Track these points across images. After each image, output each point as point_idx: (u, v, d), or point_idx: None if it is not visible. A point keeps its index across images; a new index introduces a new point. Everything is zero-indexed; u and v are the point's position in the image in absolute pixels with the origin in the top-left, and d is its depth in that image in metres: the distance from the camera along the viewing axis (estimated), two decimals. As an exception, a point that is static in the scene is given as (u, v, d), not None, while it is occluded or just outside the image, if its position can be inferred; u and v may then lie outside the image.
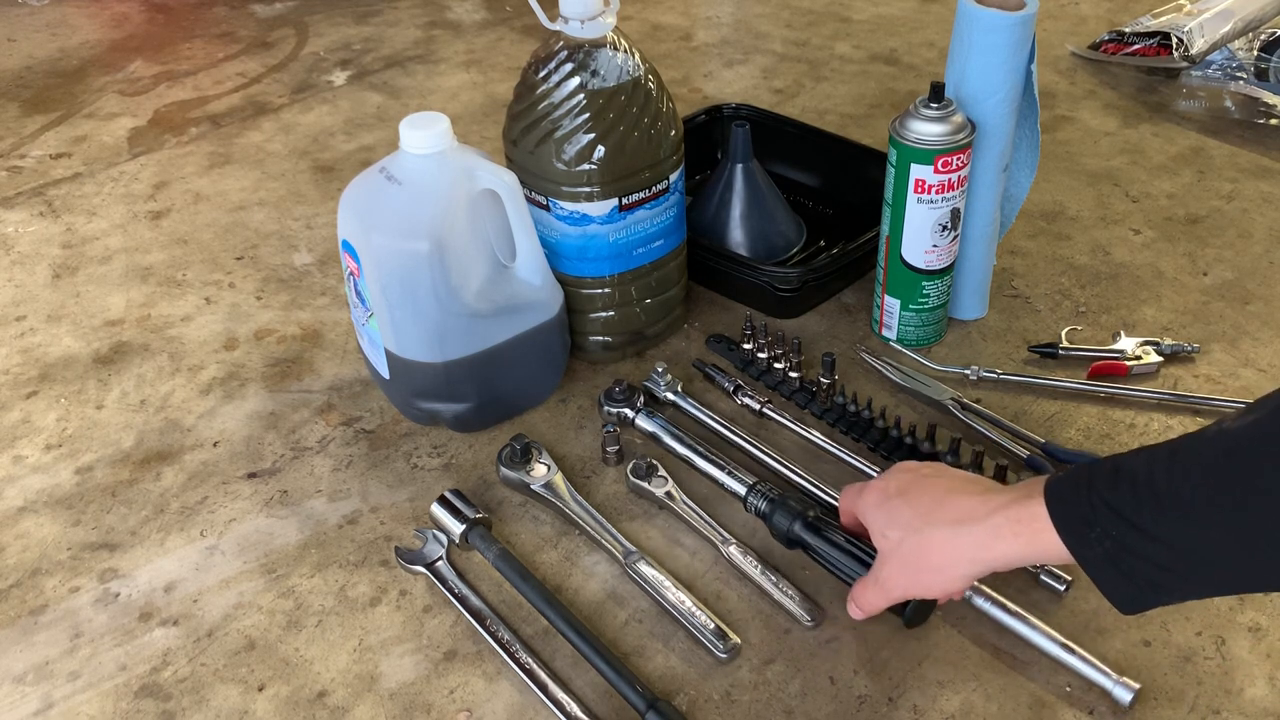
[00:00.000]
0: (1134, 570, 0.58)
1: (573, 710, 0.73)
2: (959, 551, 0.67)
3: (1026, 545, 0.64)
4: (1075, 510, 0.61)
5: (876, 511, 0.73)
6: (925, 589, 0.71)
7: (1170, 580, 0.58)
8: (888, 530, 0.71)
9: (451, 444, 0.96)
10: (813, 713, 0.73)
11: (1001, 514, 0.65)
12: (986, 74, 0.94)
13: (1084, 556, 0.60)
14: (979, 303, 1.08)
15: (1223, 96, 1.47)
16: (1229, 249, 1.18)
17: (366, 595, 0.83)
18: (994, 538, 0.65)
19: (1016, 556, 0.65)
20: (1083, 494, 0.60)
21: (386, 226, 0.86)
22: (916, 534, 0.69)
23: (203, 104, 1.57)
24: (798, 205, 1.24)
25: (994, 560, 0.66)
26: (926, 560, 0.69)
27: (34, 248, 1.26)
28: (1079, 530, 0.60)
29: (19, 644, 0.80)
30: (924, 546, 0.69)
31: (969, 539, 0.67)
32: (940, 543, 0.68)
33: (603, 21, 0.90)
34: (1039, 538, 0.62)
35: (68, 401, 1.03)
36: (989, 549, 0.66)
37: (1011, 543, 0.64)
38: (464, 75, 1.64)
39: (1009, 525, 0.64)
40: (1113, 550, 0.59)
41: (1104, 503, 0.59)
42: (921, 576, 0.70)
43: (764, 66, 1.63)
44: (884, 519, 0.72)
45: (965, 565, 0.67)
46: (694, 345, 1.07)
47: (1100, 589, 0.60)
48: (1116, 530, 0.58)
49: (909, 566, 0.70)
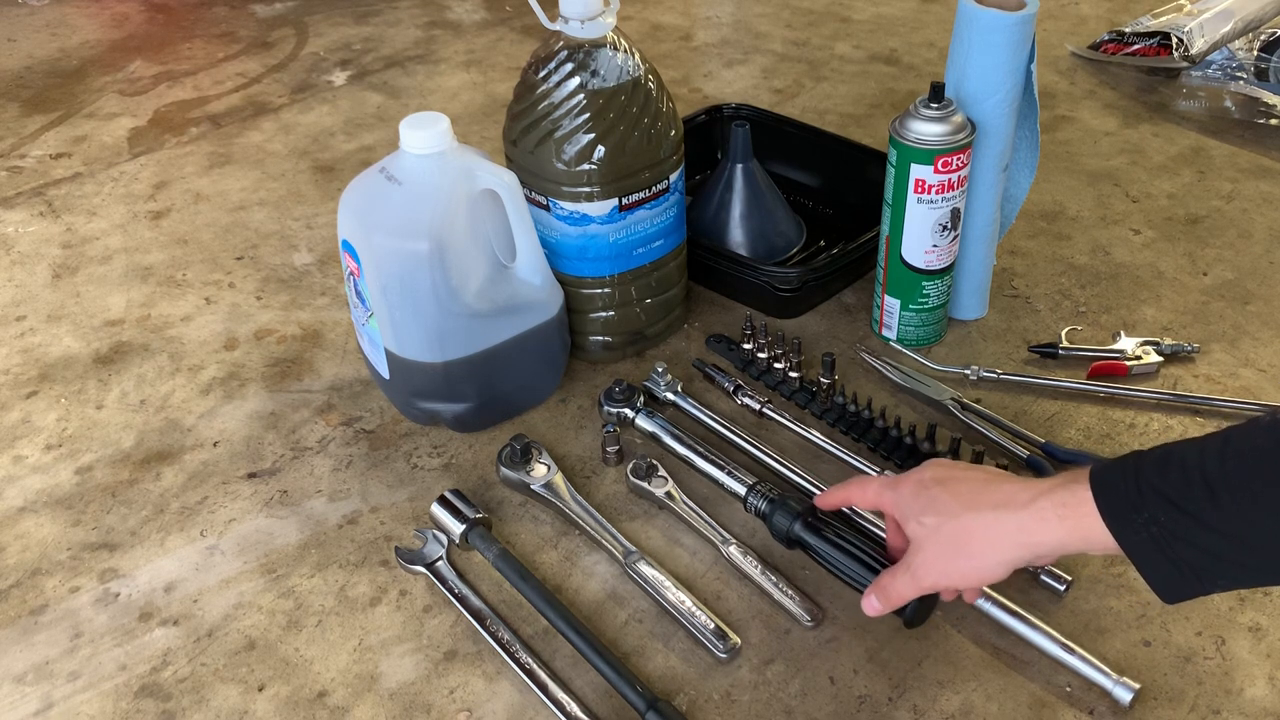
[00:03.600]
0: (1180, 557, 0.58)
1: (573, 710, 0.73)
2: (1001, 537, 0.66)
3: (1071, 531, 0.62)
4: (1122, 496, 0.60)
5: (913, 500, 0.71)
6: (963, 577, 0.69)
7: (1216, 568, 0.58)
8: (924, 517, 0.69)
9: (451, 444, 0.96)
10: (813, 713, 0.73)
11: (1046, 499, 0.64)
12: (986, 74, 0.94)
13: (1130, 542, 0.59)
14: (979, 303, 1.08)
15: (1223, 96, 1.47)
16: (1229, 249, 1.18)
17: (366, 595, 0.83)
18: (1038, 522, 0.64)
19: (1059, 543, 0.64)
20: (1130, 480, 0.59)
21: (386, 226, 0.86)
22: (955, 519, 0.68)
23: (203, 104, 1.57)
24: (798, 205, 1.24)
25: (1036, 546, 0.65)
26: (966, 546, 0.67)
27: (34, 248, 1.26)
28: (1126, 516, 0.59)
29: (19, 644, 0.80)
30: (964, 532, 0.67)
31: (1012, 524, 0.65)
32: (982, 528, 0.67)
33: (603, 21, 0.91)
34: (1084, 523, 0.61)
35: (68, 401, 1.03)
36: (1032, 534, 0.64)
37: (1056, 527, 0.63)
38: (464, 75, 1.64)
39: (1053, 509, 0.63)
40: (1159, 536, 0.58)
41: (1153, 488, 0.58)
42: (959, 563, 0.68)
43: (764, 66, 1.64)
44: (921, 506, 0.70)
45: (1007, 551, 0.66)
46: (694, 345, 1.07)
47: (1144, 576, 0.60)
48: (1165, 516, 0.57)
49: (947, 553, 0.68)
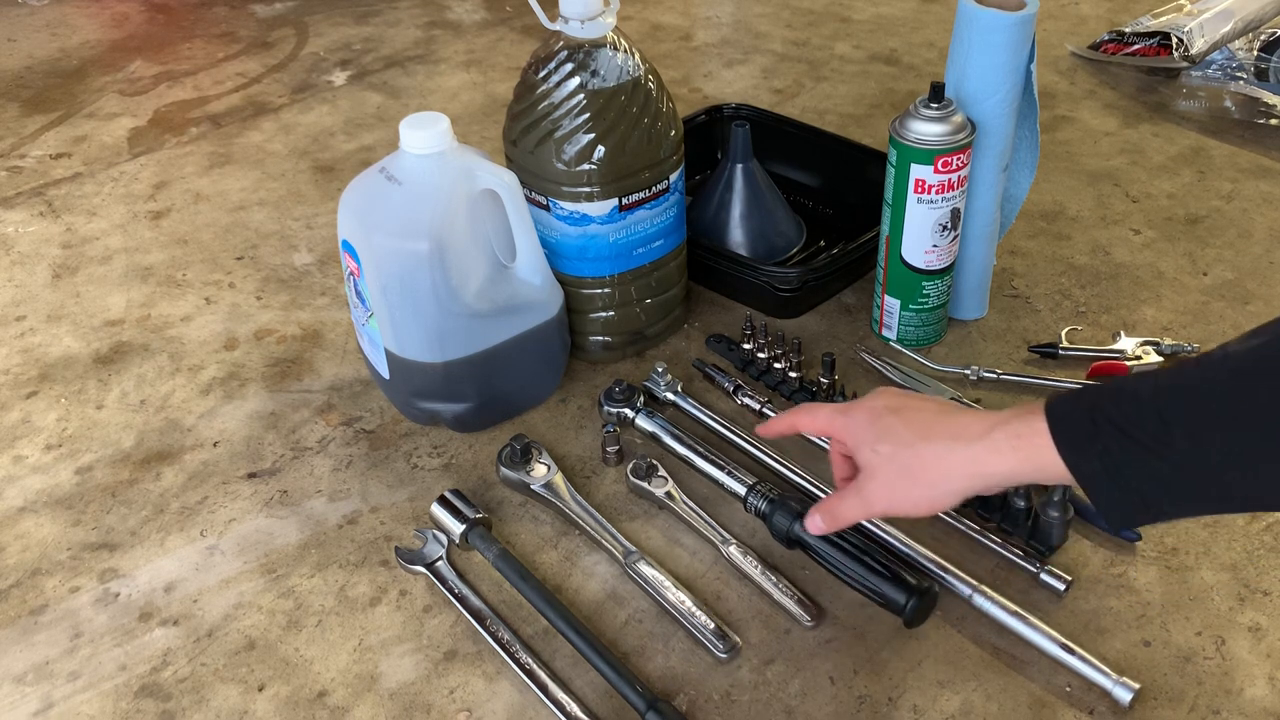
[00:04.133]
0: (1131, 485, 0.59)
1: (573, 710, 0.73)
2: (955, 466, 0.67)
3: (1024, 460, 0.63)
4: (1077, 426, 0.61)
5: (867, 428, 0.71)
6: (914, 505, 0.69)
7: (1165, 497, 0.59)
8: (879, 445, 0.70)
9: (451, 444, 0.96)
10: (813, 713, 0.73)
11: (1001, 429, 0.65)
12: (986, 74, 0.94)
13: (1082, 471, 0.60)
14: (979, 303, 1.08)
15: (1223, 96, 1.47)
16: (1229, 249, 1.18)
17: (366, 595, 0.83)
18: (992, 452, 0.65)
19: (1012, 472, 0.65)
20: (1084, 411, 0.60)
21: (386, 226, 0.86)
22: (910, 448, 0.68)
23: (203, 104, 1.57)
24: (798, 205, 1.24)
25: (989, 475, 0.66)
26: (920, 475, 0.68)
27: (34, 248, 1.26)
28: (1080, 445, 0.60)
29: (19, 644, 0.80)
30: (918, 460, 0.68)
31: (966, 453, 0.66)
32: (935, 458, 0.67)
33: (603, 21, 0.91)
34: (1038, 454, 0.62)
35: (68, 401, 1.03)
36: (985, 464, 0.65)
37: (1009, 457, 0.64)
38: (464, 75, 1.64)
39: (1008, 440, 0.64)
40: (1111, 466, 0.59)
41: (1107, 419, 0.59)
42: (912, 491, 0.69)
43: (764, 66, 1.64)
44: (875, 434, 0.70)
45: (960, 480, 0.67)
46: (694, 345, 1.07)
47: (1095, 504, 0.61)
48: (1118, 446, 0.58)
49: (900, 481, 0.69)
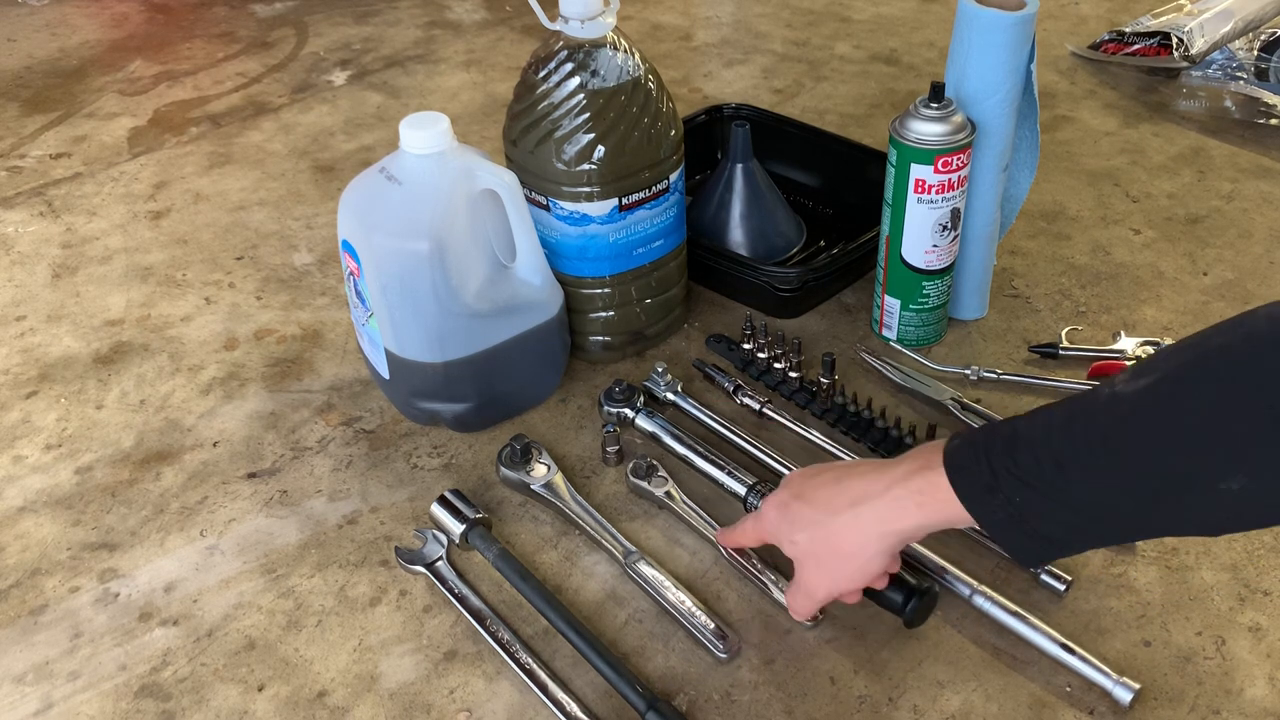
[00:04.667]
0: (1037, 531, 0.61)
1: (573, 710, 0.73)
2: (864, 531, 0.67)
3: (931, 514, 0.65)
4: (977, 479, 0.62)
5: (780, 523, 0.72)
6: (848, 579, 0.70)
7: (1070, 535, 0.61)
8: (795, 536, 0.71)
9: (451, 444, 0.96)
10: (813, 713, 0.73)
11: (901, 486, 0.66)
12: (986, 74, 0.94)
13: (989, 522, 0.62)
14: (979, 303, 1.08)
15: (1223, 96, 1.47)
16: (1229, 249, 1.18)
17: (366, 595, 0.83)
18: (897, 511, 0.66)
19: (921, 526, 0.66)
20: (983, 462, 0.62)
21: (386, 226, 0.86)
22: (822, 527, 0.69)
23: (203, 104, 1.57)
24: (798, 205, 1.24)
25: (900, 532, 0.67)
26: (837, 550, 0.69)
27: (34, 248, 1.26)
28: (983, 498, 0.62)
29: (19, 644, 0.80)
30: (831, 538, 0.69)
31: (872, 516, 0.67)
32: (844, 528, 0.68)
33: (603, 21, 0.91)
34: (944, 507, 0.63)
35: (68, 401, 1.03)
36: (893, 523, 0.66)
37: (915, 514, 0.65)
38: (464, 75, 1.64)
39: (911, 497, 0.65)
40: (1016, 515, 0.61)
41: (1006, 470, 0.60)
42: (839, 567, 0.70)
43: (764, 66, 1.63)
44: (789, 526, 0.72)
45: (874, 543, 0.67)
46: (694, 345, 1.07)
47: (1004, 549, 0.63)
48: (1020, 496, 0.60)
49: (823, 562, 0.70)
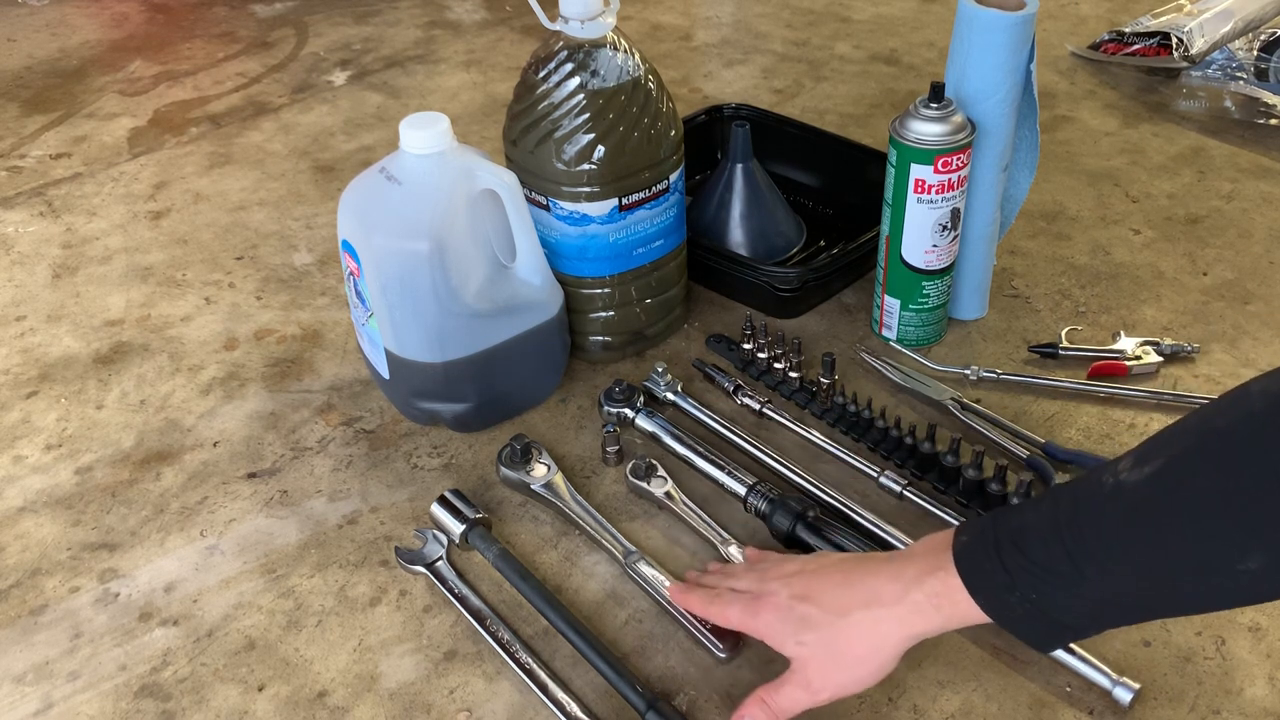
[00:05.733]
0: (1054, 620, 0.62)
1: (573, 710, 0.73)
2: (884, 636, 0.67)
3: (949, 618, 0.65)
4: (991, 579, 0.63)
5: (782, 624, 0.70)
6: (858, 681, 0.68)
7: (1089, 622, 0.62)
8: (801, 637, 0.69)
9: (451, 444, 0.96)
10: (813, 712, 0.73)
11: (918, 590, 0.65)
12: (986, 74, 0.94)
13: (1008, 619, 0.63)
14: (979, 303, 1.08)
15: (1223, 96, 1.47)
16: (1229, 249, 1.18)
17: (366, 595, 0.83)
18: (915, 615, 0.65)
19: (940, 628, 0.66)
20: (994, 561, 0.62)
21: (386, 226, 0.86)
22: (834, 629, 0.68)
23: (203, 104, 1.57)
24: (798, 205, 1.24)
25: (920, 635, 0.67)
26: (852, 652, 0.68)
27: (34, 248, 1.26)
28: (1000, 598, 0.63)
29: (19, 644, 0.80)
30: (846, 640, 0.68)
31: (891, 622, 0.66)
32: (862, 633, 0.67)
33: (603, 21, 0.91)
34: (960, 609, 0.64)
35: (68, 401, 1.03)
36: (913, 626, 0.66)
37: (933, 617, 0.65)
38: (464, 75, 1.64)
39: (928, 601, 0.65)
40: (1033, 610, 0.62)
41: (1020, 568, 0.61)
42: (853, 671, 0.68)
43: (764, 66, 1.63)
44: (793, 628, 0.69)
45: (893, 647, 0.67)
46: (694, 345, 1.07)
47: (1023, 640, 0.64)
48: (1037, 593, 0.61)
49: (836, 664, 0.68)
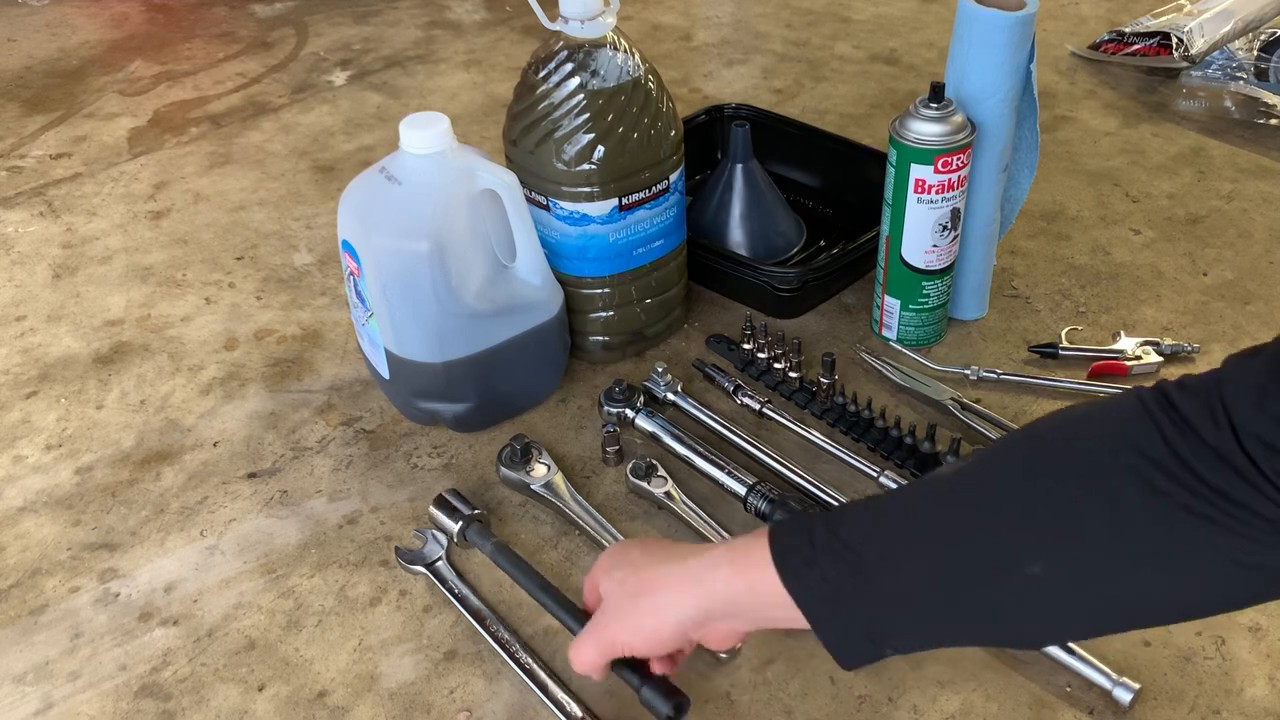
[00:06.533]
0: (851, 616, 0.57)
1: (573, 710, 0.73)
2: (675, 585, 0.64)
3: (741, 578, 0.61)
4: (795, 548, 0.59)
5: (609, 558, 0.70)
6: (635, 632, 0.65)
7: (886, 628, 0.57)
8: (614, 570, 0.68)
9: (451, 444, 0.96)
10: (813, 713, 0.73)
11: (723, 548, 0.63)
12: (986, 74, 0.94)
13: (802, 598, 0.58)
14: (979, 303, 1.08)
15: (1223, 96, 1.47)
16: (1229, 249, 1.18)
17: (366, 595, 0.83)
18: (709, 569, 0.63)
19: (730, 593, 0.62)
20: (803, 534, 0.59)
21: (386, 226, 0.86)
22: (640, 571, 0.66)
23: (203, 104, 1.57)
24: (798, 205, 1.24)
25: (709, 595, 0.62)
26: (646, 599, 0.65)
27: (34, 248, 1.26)
28: (798, 568, 0.58)
29: (19, 644, 0.80)
30: (645, 583, 0.66)
31: (685, 574, 0.64)
32: (661, 578, 0.65)
33: (603, 21, 0.91)
34: (755, 573, 0.59)
35: (68, 401, 1.03)
36: (702, 581, 0.63)
37: (727, 573, 0.61)
38: (464, 75, 1.64)
39: (725, 555, 0.62)
40: (831, 594, 0.57)
41: (825, 544, 0.57)
42: (638, 619, 0.65)
43: (764, 66, 1.63)
44: (614, 562, 0.69)
45: (680, 604, 0.63)
46: (694, 345, 1.07)
47: (818, 634, 0.58)
48: (835, 572, 0.57)
49: (627, 605, 0.66)
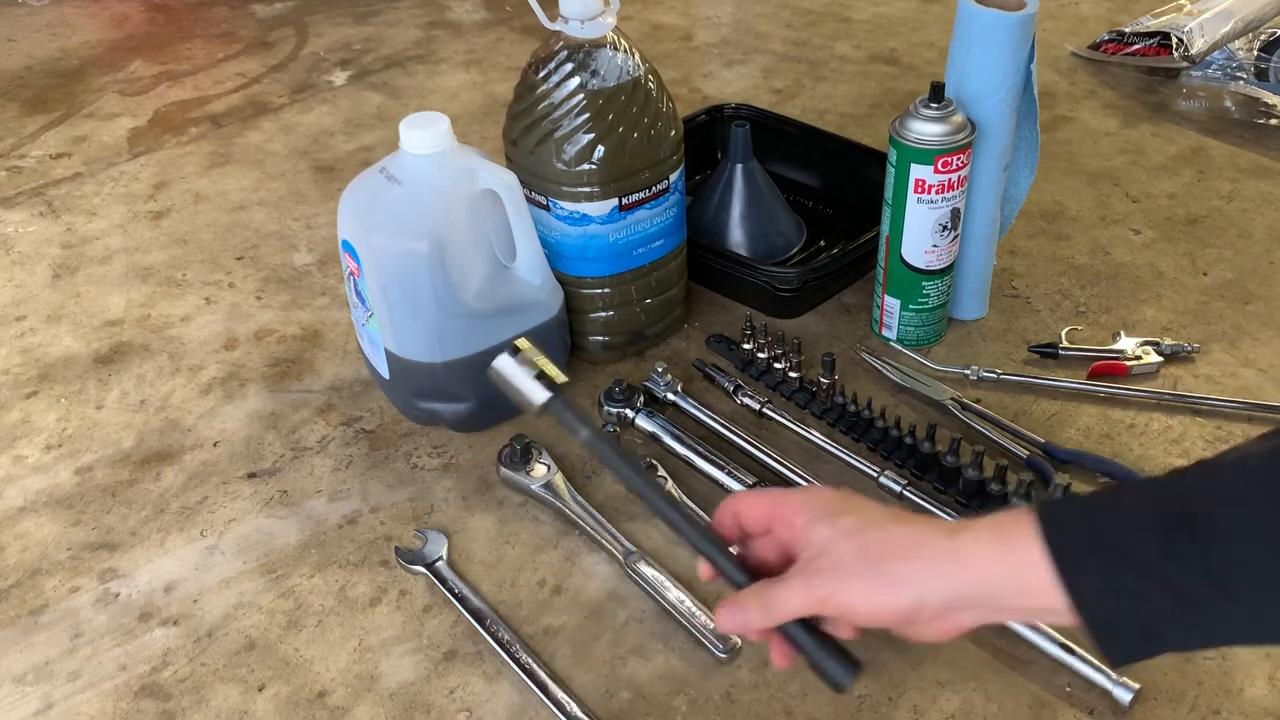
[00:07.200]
0: (1137, 608, 0.49)
1: (573, 710, 0.73)
2: (926, 552, 0.54)
3: (1004, 561, 0.52)
4: (1071, 528, 0.50)
5: (829, 503, 0.59)
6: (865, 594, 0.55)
7: (1176, 622, 0.49)
8: (840, 518, 0.57)
9: (451, 444, 0.96)
10: (813, 713, 0.73)
11: (980, 524, 0.54)
12: (986, 74, 0.94)
13: (1077, 582, 0.50)
14: (979, 303, 1.08)
15: (1223, 96, 1.47)
16: (1229, 249, 1.18)
17: (366, 595, 0.83)
18: (972, 543, 0.54)
19: (985, 578, 0.53)
20: (1078, 513, 0.51)
21: (386, 226, 0.86)
22: (880, 527, 0.56)
23: (203, 104, 1.57)
24: (798, 205, 1.24)
25: (961, 574, 0.54)
26: (884, 562, 0.55)
27: (34, 248, 1.26)
28: (1073, 549, 0.50)
29: (19, 644, 0.80)
30: (886, 542, 0.56)
31: (945, 544, 0.54)
32: (908, 541, 0.55)
33: (603, 21, 0.91)
34: (1022, 556, 0.51)
35: (68, 401, 1.03)
36: (959, 556, 0.54)
37: (990, 553, 0.53)
38: (464, 75, 1.64)
39: (987, 532, 0.53)
40: (1114, 582, 0.49)
41: (1112, 526, 0.49)
42: (869, 583, 0.55)
43: (764, 66, 1.63)
44: (838, 508, 0.58)
45: (927, 575, 0.54)
46: (694, 345, 1.07)
47: (1090, 629, 0.50)
48: (1121, 559, 0.48)
49: (857, 563, 0.56)
